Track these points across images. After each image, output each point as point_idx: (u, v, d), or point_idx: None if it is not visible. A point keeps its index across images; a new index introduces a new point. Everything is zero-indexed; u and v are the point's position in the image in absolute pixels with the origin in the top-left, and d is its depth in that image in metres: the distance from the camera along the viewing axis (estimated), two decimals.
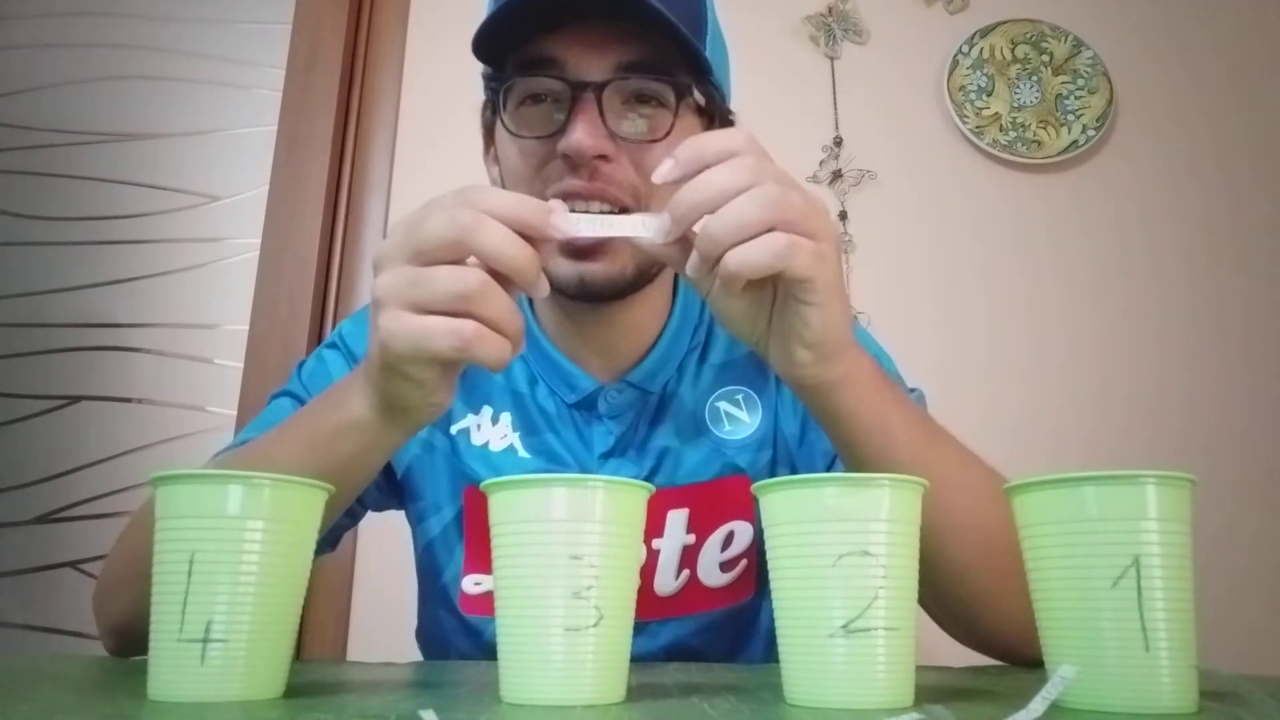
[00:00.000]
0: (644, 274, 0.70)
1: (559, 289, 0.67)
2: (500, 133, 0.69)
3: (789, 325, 0.53)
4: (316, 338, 1.61)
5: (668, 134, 0.65)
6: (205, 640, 0.39)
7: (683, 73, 0.66)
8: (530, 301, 0.80)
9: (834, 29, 1.75)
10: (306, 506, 0.43)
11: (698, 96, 0.67)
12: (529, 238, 0.49)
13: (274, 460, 0.57)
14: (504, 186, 0.71)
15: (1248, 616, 1.48)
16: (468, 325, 0.48)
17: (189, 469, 0.41)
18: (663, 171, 0.51)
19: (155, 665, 0.40)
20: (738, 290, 0.52)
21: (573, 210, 0.57)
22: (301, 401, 0.75)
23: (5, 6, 1.85)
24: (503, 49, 0.66)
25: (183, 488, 0.41)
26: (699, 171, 0.49)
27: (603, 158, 0.64)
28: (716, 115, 0.72)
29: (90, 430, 1.64)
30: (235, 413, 1.57)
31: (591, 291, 0.67)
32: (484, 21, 0.63)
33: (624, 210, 0.65)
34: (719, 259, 0.49)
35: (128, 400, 1.66)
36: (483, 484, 0.43)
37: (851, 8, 1.76)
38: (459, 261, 0.48)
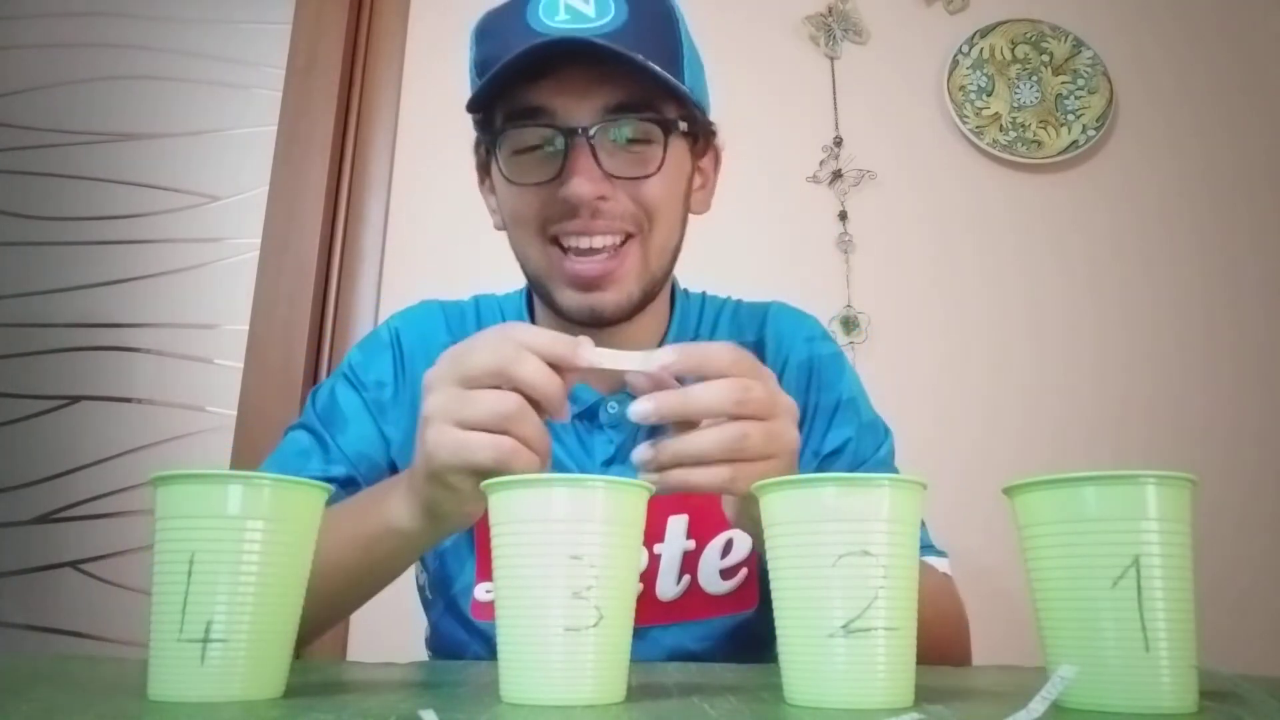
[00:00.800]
0: (649, 295, 0.74)
1: (569, 318, 0.72)
2: (498, 177, 0.72)
3: (740, 504, 0.58)
4: (316, 338, 1.61)
5: (660, 167, 0.69)
6: (205, 640, 0.39)
7: (666, 103, 0.70)
8: (530, 312, 0.83)
9: (834, 29, 1.75)
10: (306, 506, 0.43)
11: (682, 125, 0.71)
12: (558, 368, 0.54)
13: (321, 549, 0.60)
14: (504, 225, 0.76)
15: (1248, 616, 1.48)
16: (506, 440, 0.52)
17: (189, 469, 0.41)
18: (658, 361, 0.55)
19: (155, 665, 0.40)
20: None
21: (576, 248, 0.69)
22: (316, 435, 0.78)
23: (5, 6, 1.85)
24: (490, 97, 0.69)
25: (183, 488, 0.41)
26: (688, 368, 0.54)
27: (601, 198, 0.68)
28: (700, 133, 0.76)
29: (90, 430, 1.64)
30: (235, 413, 1.57)
31: (602, 320, 0.72)
32: (479, 85, 0.68)
33: (629, 237, 0.70)
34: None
35: (128, 400, 1.66)
36: (483, 484, 0.43)
37: (851, 8, 1.76)
38: (498, 388, 0.54)
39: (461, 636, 0.79)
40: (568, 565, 0.40)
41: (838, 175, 1.67)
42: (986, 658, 0.78)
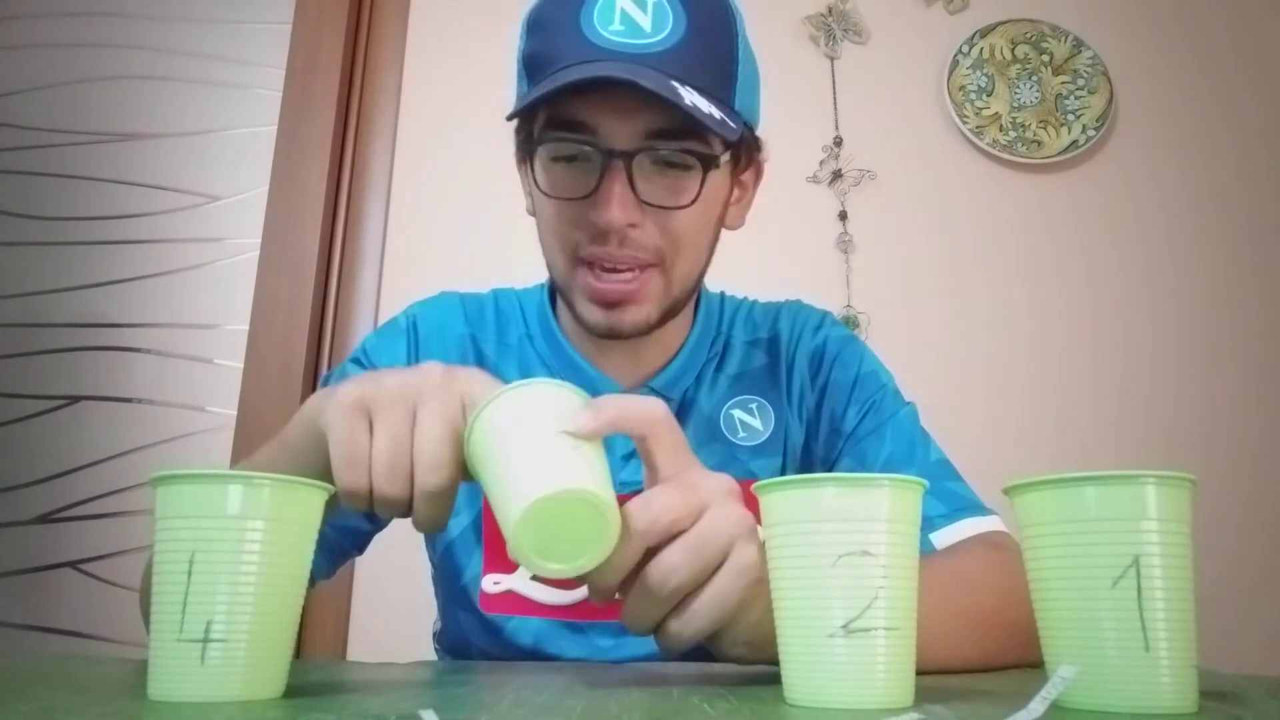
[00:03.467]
0: (669, 315, 0.74)
1: (590, 331, 0.72)
2: (533, 181, 0.72)
3: (723, 635, 0.50)
4: (316, 338, 1.61)
5: (694, 200, 0.68)
6: (205, 640, 0.39)
7: (711, 130, 0.66)
8: (553, 304, 0.84)
9: (834, 29, 1.75)
10: (306, 506, 0.43)
11: (724, 157, 0.70)
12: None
13: (255, 461, 0.63)
14: (536, 212, 0.75)
15: (1248, 616, 1.48)
16: (360, 472, 0.48)
17: (189, 469, 0.41)
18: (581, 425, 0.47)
19: (155, 665, 0.40)
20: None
21: (601, 267, 0.68)
22: None
23: (5, 6, 1.85)
24: (534, 101, 0.68)
25: (183, 488, 0.41)
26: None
27: (632, 225, 0.67)
28: (744, 152, 0.75)
29: (90, 430, 1.64)
30: (235, 413, 1.57)
31: (621, 336, 0.72)
32: (525, 100, 0.66)
33: (649, 267, 0.69)
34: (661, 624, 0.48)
35: (128, 400, 1.66)
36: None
37: (851, 8, 1.76)
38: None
39: (470, 628, 0.79)
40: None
41: (838, 175, 1.68)
42: None
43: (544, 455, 0.44)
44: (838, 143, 1.69)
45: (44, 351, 1.69)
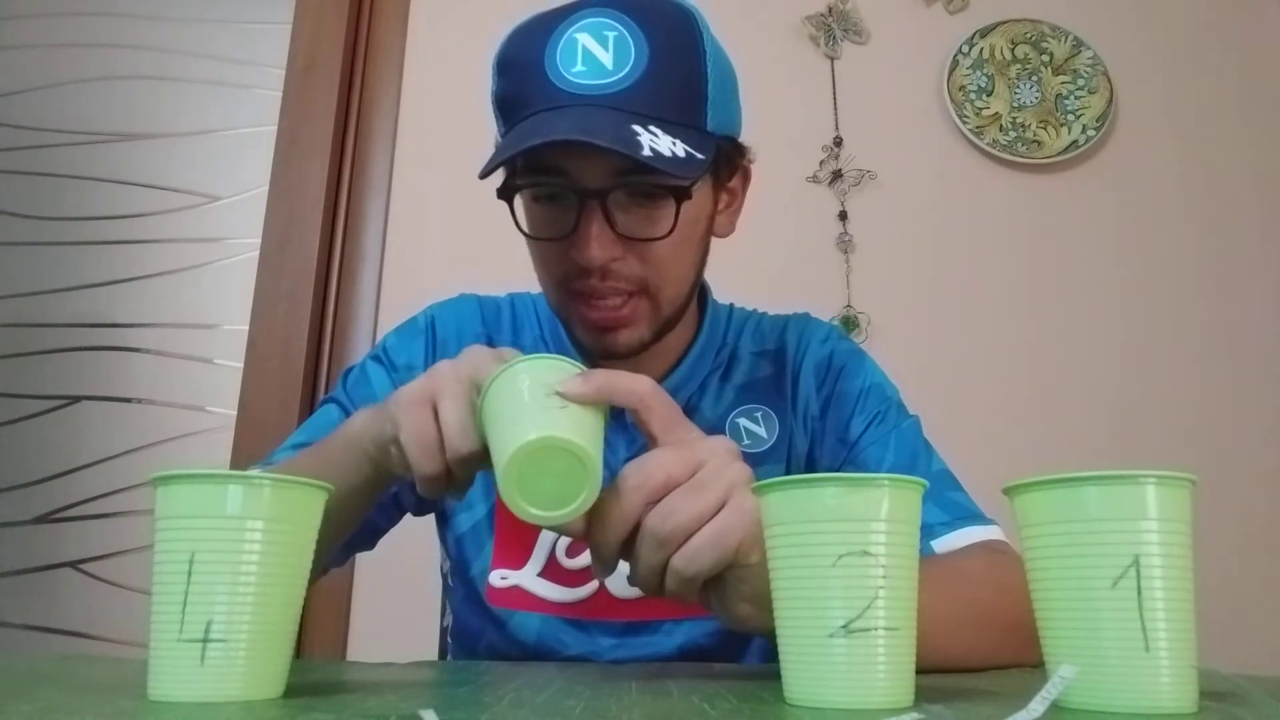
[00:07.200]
0: (662, 334, 0.75)
1: (586, 353, 0.75)
2: (518, 211, 0.73)
3: (726, 587, 0.52)
4: (316, 338, 1.61)
5: (673, 228, 0.68)
6: (205, 640, 0.39)
7: (672, 174, 0.65)
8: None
9: (834, 29, 1.75)
10: (306, 506, 0.43)
11: (696, 187, 0.69)
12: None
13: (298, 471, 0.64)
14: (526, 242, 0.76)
15: (1248, 616, 1.48)
16: (432, 441, 0.53)
17: (189, 469, 0.41)
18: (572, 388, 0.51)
19: (155, 665, 0.40)
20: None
21: (592, 299, 0.70)
22: (344, 408, 0.81)
23: (5, 6, 1.85)
24: (497, 163, 0.68)
25: (183, 488, 0.41)
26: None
27: (613, 259, 0.68)
28: (724, 164, 0.75)
29: (90, 430, 1.64)
30: (235, 413, 1.57)
31: (616, 357, 0.73)
32: (494, 160, 0.66)
33: (634, 295, 0.71)
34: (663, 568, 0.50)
35: (128, 400, 1.66)
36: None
37: (851, 8, 1.76)
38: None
39: (477, 621, 0.80)
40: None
41: (838, 175, 1.68)
42: None
43: (534, 412, 0.49)
44: (838, 143, 1.69)
45: (44, 351, 1.69)
